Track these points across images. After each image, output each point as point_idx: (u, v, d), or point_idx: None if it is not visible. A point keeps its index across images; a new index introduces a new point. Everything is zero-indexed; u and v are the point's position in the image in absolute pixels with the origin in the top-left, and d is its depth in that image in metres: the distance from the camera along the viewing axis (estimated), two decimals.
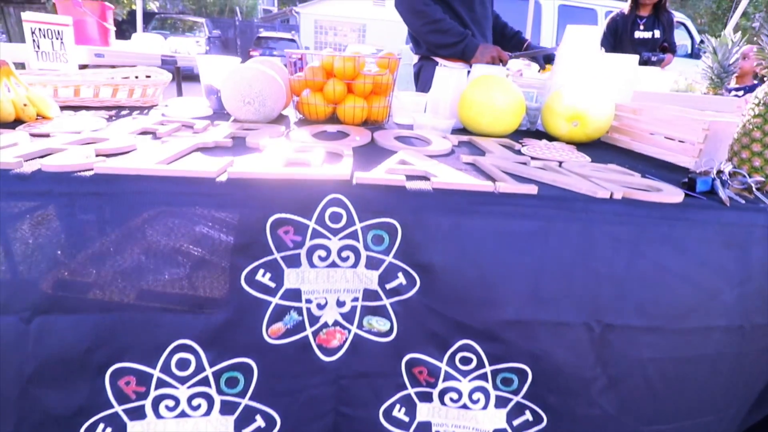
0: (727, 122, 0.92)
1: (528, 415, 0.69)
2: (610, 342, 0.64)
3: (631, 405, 0.69)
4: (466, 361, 0.64)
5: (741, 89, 2.56)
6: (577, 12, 5.27)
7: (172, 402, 0.60)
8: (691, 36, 5.33)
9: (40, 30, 1.14)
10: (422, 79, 1.81)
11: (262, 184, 0.60)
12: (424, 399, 0.67)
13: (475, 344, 0.63)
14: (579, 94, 1.08)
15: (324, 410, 0.66)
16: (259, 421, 0.63)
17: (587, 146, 1.09)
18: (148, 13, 13.54)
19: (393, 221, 0.61)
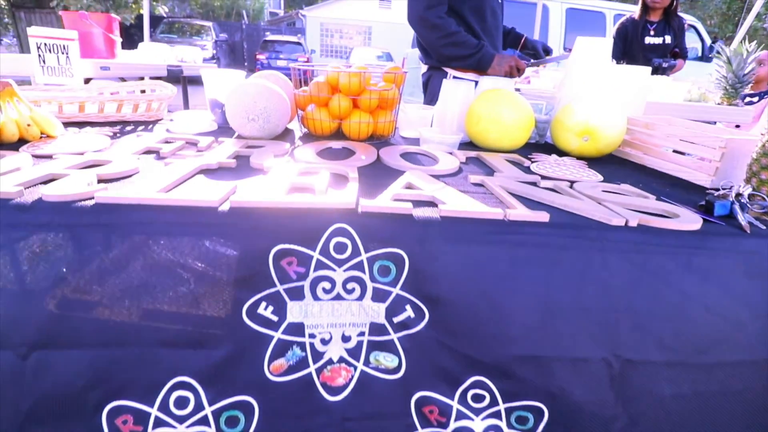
0: (745, 139, 0.89)
1: None
2: (630, 378, 0.61)
3: None
4: (478, 399, 0.61)
5: (756, 95, 2.51)
6: (586, 15, 5.22)
7: None
8: (701, 38, 5.25)
9: (45, 45, 1.14)
10: (431, 89, 1.79)
11: (265, 213, 0.58)
12: None
13: (487, 381, 0.60)
14: (590, 109, 1.05)
15: None
16: None
17: (598, 161, 1.06)
18: (156, 17, 13.68)
19: (400, 251, 0.59)
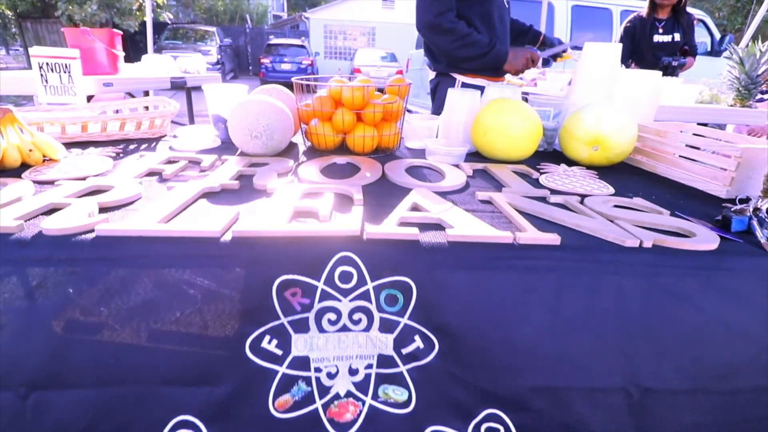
0: (761, 148, 0.86)
1: None
2: (650, 408, 0.59)
3: None
4: None
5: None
6: (592, 12, 5.16)
7: None
8: (710, 32, 5.17)
9: (48, 64, 1.14)
10: (439, 95, 1.78)
11: (268, 242, 0.57)
12: None
13: (502, 414, 0.58)
14: (599, 118, 1.02)
15: None
16: None
17: (609, 170, 1.04)
18: (160, 23, 13.79)
19: (407, 279, 0.57)
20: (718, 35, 5.09)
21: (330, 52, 19.58)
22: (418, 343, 0.57)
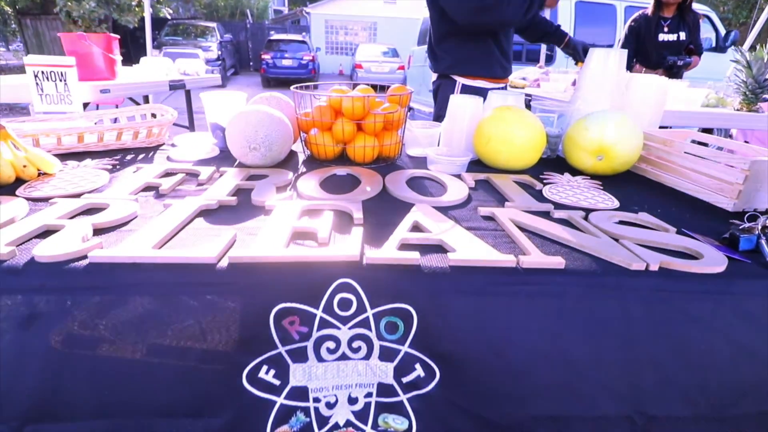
0: None
1: None
2: None
3: None
4: None
5: None
6: (596, 9, 5.09)
7: None
8: (715, 28, 5.10)
9: (42, 73, 1.12)
10: (440, 98, 1.76)
11: (265, 268, 0.56)
12: None
13: None
14: (604, 127, 1.00)
15: None
16: None
17: (613, 180, 1.02)
18: (160, 19, 13.73)
19: (407, 306, 0.56)
20: (723, 31, 5.03)
21: (331, 47, 19.48)
22: (419, 371, 0.56)
